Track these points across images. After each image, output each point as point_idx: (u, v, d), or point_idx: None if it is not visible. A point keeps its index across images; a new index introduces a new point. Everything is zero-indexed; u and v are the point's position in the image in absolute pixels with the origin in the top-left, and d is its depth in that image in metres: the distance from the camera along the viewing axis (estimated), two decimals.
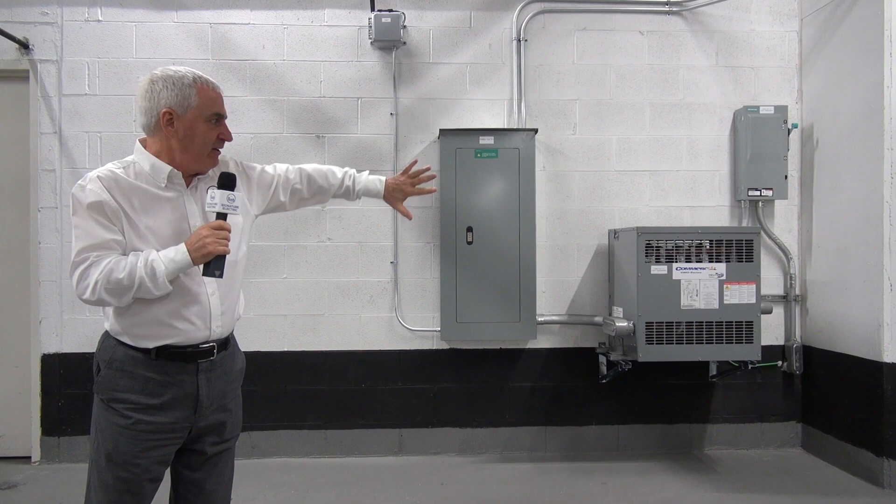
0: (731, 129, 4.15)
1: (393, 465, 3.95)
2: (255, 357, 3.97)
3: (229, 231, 1.79)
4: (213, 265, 1.77)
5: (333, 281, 4.05)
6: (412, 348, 4.07)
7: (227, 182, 1.83)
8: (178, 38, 4.00)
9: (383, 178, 2.34)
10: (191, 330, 1.84)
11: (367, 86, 4.07)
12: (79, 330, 3.96)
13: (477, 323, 3.94)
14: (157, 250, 1.77)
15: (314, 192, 2.26)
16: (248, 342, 3.97)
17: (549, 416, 4.12)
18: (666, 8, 4.11)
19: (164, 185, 1.85)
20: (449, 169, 3.92)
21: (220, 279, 1.85)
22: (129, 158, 1.88)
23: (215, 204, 1.79)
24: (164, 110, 1.81)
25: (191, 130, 1.83)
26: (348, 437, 4.05)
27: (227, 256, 1.84)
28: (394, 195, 2.36)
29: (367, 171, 2.34)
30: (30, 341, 3.98)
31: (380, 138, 4.07)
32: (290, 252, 4.02)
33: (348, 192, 2.32)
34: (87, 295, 1.75)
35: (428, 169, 2.42)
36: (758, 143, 4.00)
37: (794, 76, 4.18)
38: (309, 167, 2.26)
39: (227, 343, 1.97)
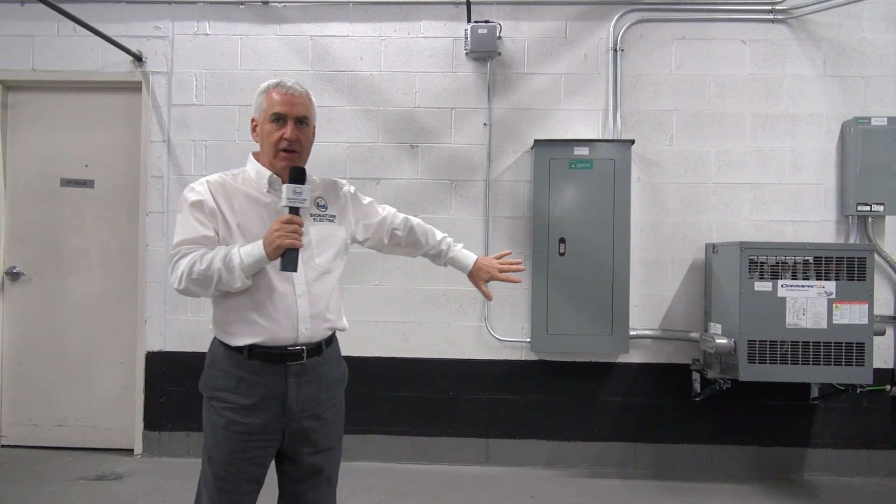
0: (839, 142, 3.98)
1: (480, 475, 3.94)
2: (346, 362, 4.04)
3: (300, 225, 1.82)
4: (286, 259, 1.80)
5: (424, 289, 4.09)
6: (501, 358, 4.07)
7: (295, 176, 1.87)
8: (281, 51, 4.13)
9: (475, 257, 2.31)
10: (276, 329, 1.88)
11: (460, 96, 4.10)
12: (181, 329, 4.13)
13: (568, 335, 3.90)
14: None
15: (409, 243, 2.30)
16: (341, 347, 4.05)
17: (639, 432, 4.03)
18: (770, 16, 3.99)
19: (266, 190, 1.95)
20: (542, 179, 3.90)
21: (314, 285, 1.93)
22: (242, 168, 2.02)
23: (283, 198, 1.83)
24: (251, 118, 2.01)
25: (262, 133, 1.97)
26: (435, 444, 4.07)
27: (317, 262, 1.94)
28: (479, 274, 2.30)
29: (462, 245, 2.35)
30: (136, 339, 4.18)
31: (472, 148, 4.09)
32: (382, 259, 4.08)
33: (439, 256, 2.33)
34: (176, 284, 1.85)
35: (520, 262, 2.37)
36: (869, 156, 3.82)
37: None
38: (414, 220, 2.31)
39: (320, 349, 1.97)
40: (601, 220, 3.88)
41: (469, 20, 3.97)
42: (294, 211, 1.83)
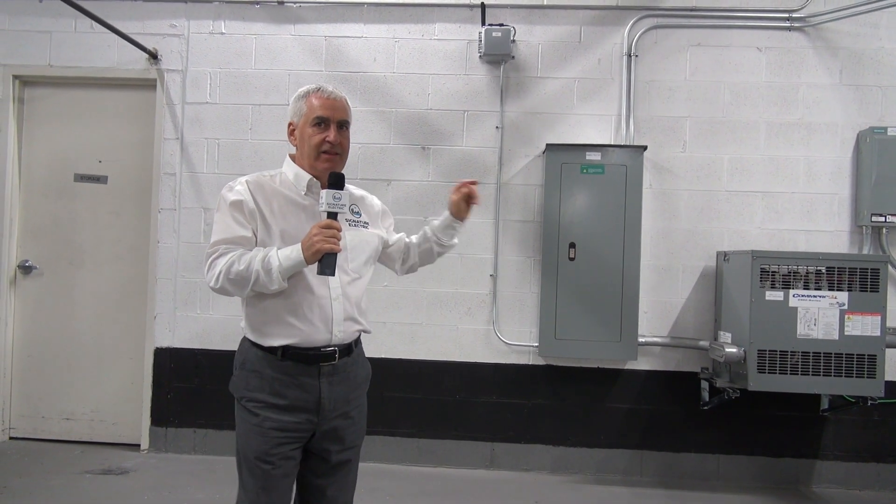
0: (854, 151, 3.94)
1: (485, 479, 3.93)
2: None
3: (339, 230, 1.82)
4: (324, 263, 1.81)
5: (432, 291, 4.09)
6: (508, 362, 4.05)
7: (335, 181, 1.88)
8: (295, 51, 4.15)
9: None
10: (312, 331, 1.90)
11: (473, 99, 4.10)
12: (190, 326, 4.15)
13: (576, 340, 3.89)
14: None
15: (419, 242, 2.29)
16: None
17: (646, 439, 4.01)
18: (787, 24, 3.96)
19: (304, 193, 1.97)
20: (554, 184, 3.89)
21: (347, 288, 1.95)
22: (279, 169, 2.03)
23: (322, 203, 1.84)
24: (288, 122, 2.01)
25: (302, 136, 1.97)
26: (440, 447, 4.07)
27: (351, 267, 1.96)
28: (456, 204, 2.18)
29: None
30: (144, 335, 4.20)
31: (484, 151, 4.09)
32: None
33: (430, 232, 2.26)
34: (212, 283, 1.87)
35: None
36: (884, 166, 3.78)
37: None
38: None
39: (350, 350, 2.01)
40: (612, 226, 3.86)
41: (483, 23, 3.97)
42: (332, 216, 1.84)
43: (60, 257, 4.31)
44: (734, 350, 3.52)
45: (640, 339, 3.92)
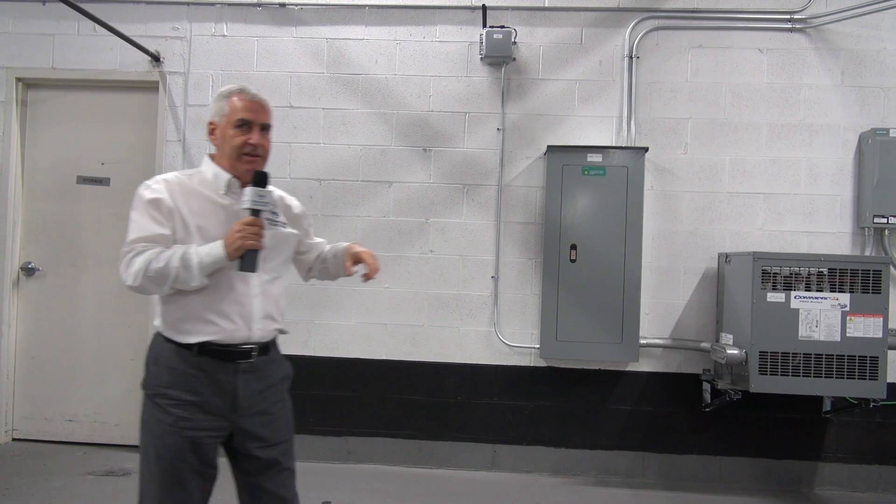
0: (857, 152, 3.94)
1: (486, 480, 3.93)
2: (354, 364, 4.06)
3: (262, 228, 1.86)
4: (246, 260, 1.84)
5: (434, 293, 4.09)
6: (509, 364, 4.05)
7: (259, 180, 1.90)
8: (296, 53, 4.15)
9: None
10: (231, 329, 1.92)
11: (474, 101, 4.10)
12: None
13: (577, 342, 3.89)
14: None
15: (323, 259, 2.30)
16: (350, 349, 4.07)
17: (648, 441, 4.00)
18: (789, 25, 3.96)
19: (223, 192, 1.98)
20: (555, 185, 3.89)
21: (267, 286, 1.99)
22: (198, 168, 2.05)
23: (246, 200, 1.86)
24: (208, 122, 2.03)
25: (223, 137, 1.98)
26: (442, 448, 4.07)
27: (270, 266, 1.98)
28: (351, 252, 2.18)
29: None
30: (146, 337, 4.19)
31: (485, 153, 4.09)
32: (392, 262, 4.08)
33: (328, 253, 2.29)
34: (129, 281, 1.88)
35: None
36: (886, 168, 3.78)
37: None
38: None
39: (267, 349, 2.04)
40: (613, 228, 3.86)
41: (484, 25, 3.98)
42: (255, 214, 1.87)
43: (63, 259, 4.32)
44: (736, 352, 3.52)
45: (642, 341, 3.91)
